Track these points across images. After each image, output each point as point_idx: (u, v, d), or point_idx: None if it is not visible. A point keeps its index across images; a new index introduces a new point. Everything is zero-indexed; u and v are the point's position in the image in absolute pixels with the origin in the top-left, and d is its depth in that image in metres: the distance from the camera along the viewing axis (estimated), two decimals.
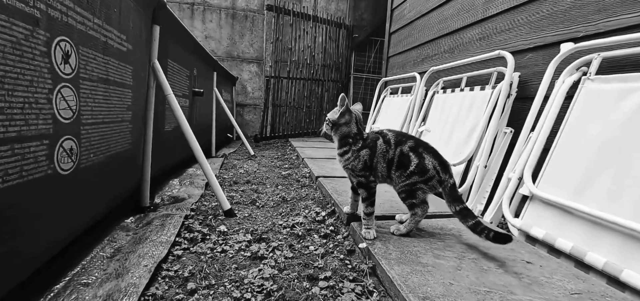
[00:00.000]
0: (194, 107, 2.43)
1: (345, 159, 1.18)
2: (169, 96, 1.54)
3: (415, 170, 1.12)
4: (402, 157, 1.14)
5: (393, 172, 1.15)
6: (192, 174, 2.34)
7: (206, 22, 4.87)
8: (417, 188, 1.13)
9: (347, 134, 1.19)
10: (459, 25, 2.31)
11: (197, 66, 2.48)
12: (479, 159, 1.66)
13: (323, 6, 5.16)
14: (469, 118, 1.89)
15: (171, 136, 2.00)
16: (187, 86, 2.23)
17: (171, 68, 1.85)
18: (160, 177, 2.02)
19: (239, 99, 5.14)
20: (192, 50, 2.28)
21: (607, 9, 1.31)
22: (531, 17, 1.69)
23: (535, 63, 1.64)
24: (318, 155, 3.11)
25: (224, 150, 3.62)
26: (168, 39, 1.74)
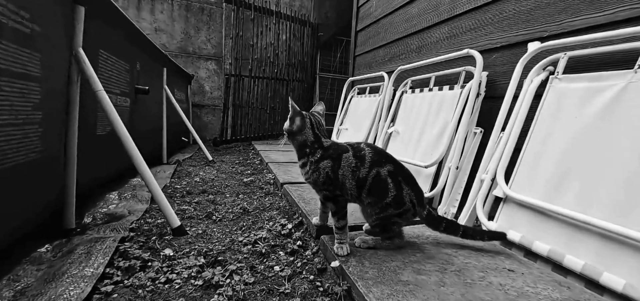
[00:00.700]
0: (137, 107, 2.13)
1: (304, 172, 1.07)
2: (100, 93, 1.28)
3: (391, 202, 1.01)
4: (379, 182, 1.01)
5: (364, 196, 1.03)
6: (136, 185, 2.04)
7: (156, 12, 4.45)
8: (392, 222, 1.04)
9: (303, 143, 1.06)
10: (425, 24, 2.31)
11: (142, 60, 2.19)
12: (451, 161, 1.64)
13: (286, 2, 5.01)
14: (438, 118, 1.88)
15: (108, 141, 1.71)
16: (128, 82, 1.94)
17: (105, 60, 1.57)
18: (93, 191, 1.72)
19: (195, 99, 4.77)
20: (135, 40, 1.99)
21: (570, 8, 1.35)
22: (496, 17, 1.72)
23: (502, 62, 1.67)
24: (283, 159, 2.95)
25: (178, 155, 3.29)
26: (100, 24, 1.47)
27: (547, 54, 1.37)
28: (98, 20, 1.44)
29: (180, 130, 3.79)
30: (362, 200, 1.04)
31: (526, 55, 1.42)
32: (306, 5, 5.18)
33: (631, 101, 1.02)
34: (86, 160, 1.45)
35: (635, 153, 0.96)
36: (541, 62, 1.37)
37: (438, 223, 1.10)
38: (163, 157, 2.85)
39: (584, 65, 1.26)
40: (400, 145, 2.14)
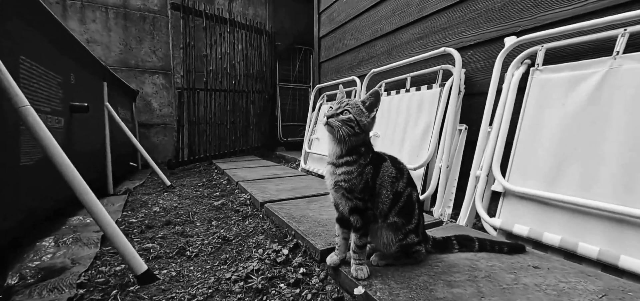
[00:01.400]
0: (74, 129, 1.76)
1: (345, 173, 0.89)
2: (25, 110, 0.98)
3: (414, 228, 0.94)
4: (410, 203, 0.94)
5: (393, 213, 0.92)
6: (78, 225, 1.67)
7: (87, 22, 3.89)
8: (414, 251, 0.96)
9: (362, 142, 0.92)
10: (394, 26, 2.34)
11: (77, 72, 1.83)
12: (440, 160, 1.63)
13: (239, 11, 4.80)
14: (420, 118, 1.88)
15: (36, 173, 1.35)
16: (60, 98, 1.58)
17: (29, 70, 1.24)
18: (19, 239, 1.34)
19: (142, 118, 4.25)
20: (67, 48, 1.65)
21: (542, 3, 1.44)
22: (467, 15, 1.79)
23: (478, 59, 1.73)
24: (254, 176, 2.72)
25: (127, 183, 2.84)
26: (21, 25, 1.15)
27: (524, 48, 1.43)
28: (18, 20, 1.13)
29: (127, 154, 3.31)
30: (387, 219, 0.93)
31: (504, 49, 1.47)
32: (260, 13, 5.03)
33: (616, 84, 1.08)
34: (5, 200, 1.10)
35: (629, 133, 1.01)
36: (519, 55, 1.42)
37: (448, 245, 1.07)
38: (108, 186, 2.42)
39: (561, 56, 1.33)
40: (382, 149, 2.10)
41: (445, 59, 1.89)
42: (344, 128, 0.87)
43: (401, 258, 0.98)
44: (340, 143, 0.91)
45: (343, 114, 0.89)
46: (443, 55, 1.87)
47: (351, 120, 0.88)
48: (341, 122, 0.88)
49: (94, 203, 1.07)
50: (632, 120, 1.01)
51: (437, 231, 1.28)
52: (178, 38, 4.24)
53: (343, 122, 0.88)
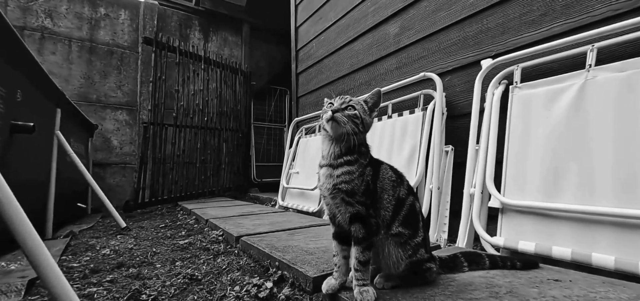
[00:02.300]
0: (11, 152, 1.51)
1: (345, 173, 0.80)
2: None
3: (422, 241, 0.85)
4: (413, 213, 0.85)
5: (397, 224, 0.82)
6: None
7: (45, 53, 3.67)
8: (425, 268, 0.86)
9: (361, 142, 0.84)
10: (373, 57, 2.44)
11: (26, 90, 1.63)
12: (430, 182, 1.59)
13: (214, 51, 4.84)
14: (405, 142, 1.87)
15: None
16: (1, 114, 1.37)
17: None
18: None
19: (98, 157, 3.89)
20: (16, 60, 1.48)
21: (511, 30, 1.56)
22: (443, 44, 1.90)
23: (457, 83, 1.80)
24: (228, 214, 2.49)
25: (71, 227, 2.46)
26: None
27: (500, 69, 1.51)
28: None
29: (74, 193, 2.93)
30: (391, 229, 0.82)
31: (482, 71, 1.55)
32: (236, 54, 5.11)
33: (593, 93, 1.14)
34: None
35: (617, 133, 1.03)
36: (497, 75, 1.50)
37: (456, 264, 0.98)
38: (46, 228, 2.06)
39: (536, 74, 1.42)
40: None
41: (425, 84, 1.95)
42: (350, 124, 0.80)
43: (410, 277, 0.85)
44: (339, 142, 0.82)
45: (348, 110, 0.82)
46: (423, 81, 1.94)
47: (357, 117, 0.82)
48: (348, 118, 0.81)
49: (32, 238, 0.85)
50: (616, 121, 1.04)
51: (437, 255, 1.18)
52: (147, 73, 4.12)
53: (350, 118, 0.81)
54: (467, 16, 1.77)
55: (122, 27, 4.16)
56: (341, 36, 2.80)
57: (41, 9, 3.69)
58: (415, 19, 2.11)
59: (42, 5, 3.70)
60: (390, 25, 2.32)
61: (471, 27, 1.76)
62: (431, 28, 1.99)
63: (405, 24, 2.19)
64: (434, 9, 1.99)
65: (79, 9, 3.90)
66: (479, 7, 1.71)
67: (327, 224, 1.94)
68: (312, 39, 3.22)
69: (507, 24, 1.59)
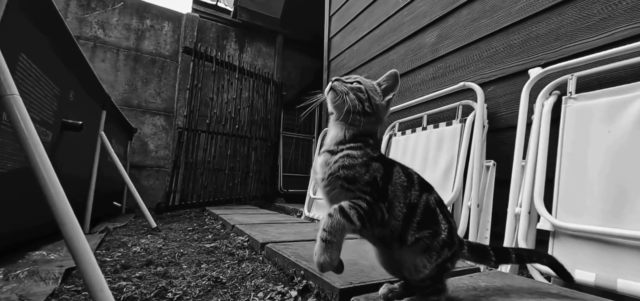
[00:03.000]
0: (60, 148, 1.66)
1: (346, 156, 0.73)
2: (12, 98, 0.90)
3: (447, 239, 0.75)
4: (429, 212, 0.76)
5: (412, 232, 0.74)
6: (39, 260, 1.47)
7: (96, 61, 4.05)
8: (445, 268, 0.77)
9: (370, 131, 0.79)
10: (407, 68, 2.39)
11: (77, 91, 1.79)
12: (469, 199, 1.49)
13: (248, 61, 5.05)
14: (441, 156, 1.79)
15: (3, 184, 1.21)
16: (54, 112, 1.51)
17: (27, 70, 1.19)
18: None
19: (135, 159, 4.16)
20: (71, 62, 1.64)
21: (565, 36, 1.46)
22: (485, 53, 1.82)
23: (500, 94, 1.71)
24: (254, 221, 2.53)
25: (106, 223, 2.63)
26: (25, 21, 1.13)
27: (551, 78, 1.40)
28: (25, 15, 1.11)
29: (111, 192, 3.14)
30: (405, 240, 0.75)
31: (530, 81, 1.45)
32: (269, 65, 5.29)
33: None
34: None
35: None
36: (548, 85, 1.39)
37: (485, 254, 0.86)
38: (85, 223, 2.22)
39: (595, 84, 1.30)
40: None
41: (464, 95, 1.87)
42: (351, 95, 0.74)
43: (430, 287, 0.77)
44: (344, 124, 0.77)
45: (353, 84, 0.77)
46: (461, 91, 1.86)
47: (362, 91, 0.76)
48: (349, 88, 0.75)
49: (75, 231, 0.92)
50: None
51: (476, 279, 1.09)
52: (185, 81, 4.38)
53: (352, 89, 0.75)
54: (513, 23, 1.69)
55: (165, 38, 4.50)
56: (375, 46, 2.79)
57: (95, 21, 4.11)
58: (455, 27, 2.05)
59: (96, 17, 4.12)
60: (427, 34, 2.28)
61: (517, 34, 1.67)
62: (472, 36, 1.92)
63: (443, 32, 2.14)
64: (475, 17, 1.92)
65: (127, 21, 4.29)
66: (527, 13, 1.62)
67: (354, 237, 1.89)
68: (344, 49, 3.25)
69: (560, 30, 1.48)
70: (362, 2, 3.02)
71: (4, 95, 0.89)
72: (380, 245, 0.83)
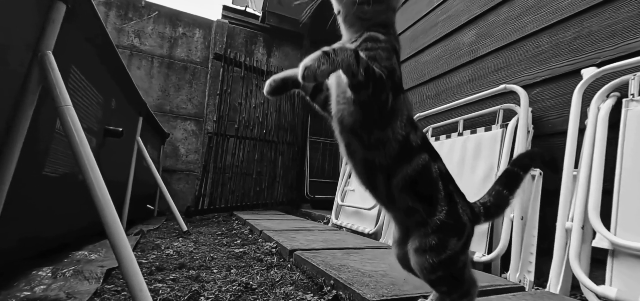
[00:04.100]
0: (102, 153, 1.81)
1: (368, 40, 0.71)
2: (66, 109, 1.00)
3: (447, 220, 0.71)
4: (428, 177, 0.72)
5: (400, 183, 0.70)
6: (82, 260, 1.60)
7: (132, 69, 4.36)
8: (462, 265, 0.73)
9: (384, 23, 0.75)
10: (442, 70, 2.34)
11: (118, 99, 1.94)
12: (511, 210, 1.42)
13: (276, 65, 5.17)
14: (479, 163, 1.72)
15: (56, 187, 1.34)
16: (98, 119, 1.65)
17: (77, 82, 1.32)
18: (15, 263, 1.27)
19: (167, 163, 4.41)
20: (115, 72, 1.78)
21: (623, 32, 1.35)
22: (530, 52, 1.73)
23: (547, 96, 1.62)
24: (281, 227, 2.58)
25: (141, 226, 2.81)
26: (78, 35, 1.25)
27: (607, 79, 1.31)
28: (77, 30, 1.23)
29: (145, 196, 3.35)
30: (393, 201, 0.71)
31: (583, 82, 1.36)
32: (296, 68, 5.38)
33: None
34: (18, 211, 1.07)
35: None
36: (605, 87, 1.30)
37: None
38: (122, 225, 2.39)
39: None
40: None
41: (505, 98, 1.79)
42: None
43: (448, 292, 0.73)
44: (354, 20, 0.74)
45: None
46: (502, 94, 1.78)
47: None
48: None
49: (118, 233, 1.00)
50: None
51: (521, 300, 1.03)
52: (214, 87, 4.58)
53: None
54: (561, 19, 1.60)
55: (196, 45, 4.75)
56: (406, 48, 2.75)
57: (132, 30, 4.43)
58: (495, 25, 1.97)
59: (132, 26, 4.44)
60: (463, 34, 2.21)
61: (566, 31, 1.57)
62: (514, 35, 1.84)
63: (481, 31, 2.07)
64: (518, 14, 1.84)
65: (161, 29, 4.58)
66: (578, 8, 1.53)
67: (384, 247, 1.87)
68: None
69: (618, 25, 1.38)
70: None
71: (59, 106, 0.99)
72: (366, 180, 0.76)
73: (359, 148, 0.72)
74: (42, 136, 1.15)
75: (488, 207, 0.85)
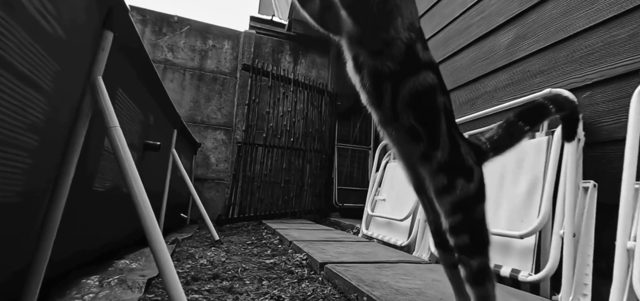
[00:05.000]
0: (142, 166, 1.93)
1: None
2: (114, 130, 1.09)
3: (450, 160, 0.76)
4: (427, 97, 0.76)
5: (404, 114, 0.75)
6: (124, 268, 1.71)
7: (166, 82, 4.63)
8: (481, 217, 0.75)
9: None
10: (477, 74, 2.26)
11: (155, 114, 2.08)
12: (561, 226, 1.34)
13: (303, 73, 5.26)
14: (521, 175, 1.64)
15: (102, 201, 1.46)
16: (139, 135, 1.78)
17: (121, 102, 1.43)
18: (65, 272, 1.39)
19: (198, 172, 4.61)
20: (153, 89, 1.91)
21: None
22: (577, 53, 1.64)
23: (598, 101, 1.52)
24: (311, 237, 2.60)
25: (175, 234, 2.96)
26: (123, 59, 1.37)
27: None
28: (122, 54, 1.35)
29: (178, 205, 3.53)
30: (397, 116, 0.74)
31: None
32: (323, 75, 5.44)
33: None
34: (71, 224, 1.17)
35: None
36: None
37: None
38: None
39: None
40: None
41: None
42: None
43: (469, 252, 0.74)
44: None
45: None
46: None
47: None
48: None
49: (160, 244, 1.07)
50: None
51: None
52: (243, 96, 4.74)
53: None
54: (617, 15, 1.49)
55: (225, 56, 4.95)
56: (437, 52, 2.70)
57: (165, 45, 4.72)
58: (537, 25, 1.88)
59: (166, 41, 4.73)
60: (500, 35, 2.13)
61: (622, 28, 1.47)
62: (559, 34, 1.74)
63: (521, 32, 1.98)
64: (563, 11, 1.75)
65: (193, 43, 4.83)
66: (636, 1, 1.42)
67: (418, 261, 1.83)
68: None
69: None
70: (422, 5, 2.95)
71: (108, 128, 1.08)
72: (373, 94, 0.77)
73: (367, 57, 0.76)
74: (92, 155, 1.26)
75: (496, 139, 0.84)
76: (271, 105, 4.35)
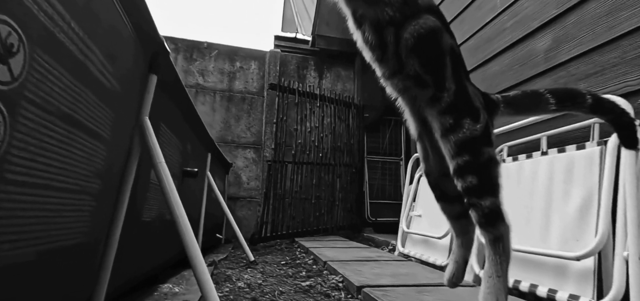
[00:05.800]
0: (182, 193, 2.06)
1: None
2: (160, 166, 1.19)
3: (455, 101, 0.81)
4: (430, 43, 0.79)
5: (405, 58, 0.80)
6: (168, 293, 1.82)
7: (197, 105, 4.89)
8: (489, 160, 0.79)
9: None
10: (513, 81, 2.19)
11: (192, 141, 2.21)
12: (626, 248, 1.25)
13: (328, 87, 5.33)
14: (572, 188, 1.56)
15: (149, 230, 1.57)
16: (179, 163, 1.90)
17: (163, 135, 1.55)
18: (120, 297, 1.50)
19: (230, 191, 4.78)
20: (189, 119, 2.04)
21: None
22: (628, 54, 1.55)
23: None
24: (345, 257, 2.61)
25: (212, 256, 3.08)
26: (165, 96, 1.49)
27: None
28: (163, 91, 1.46)
29: (214, 226, 3.67)
30: (402, 66, 0.79)
31: None
32: (348, 88, 5.48)
33: None
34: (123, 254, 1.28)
35: None
36: None
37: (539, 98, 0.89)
38: None
39: None
40: (515, 228, 1.77)
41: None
42: None
43: (476, 195, 0.75)
44: None
45: None
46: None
47: None
48: None
49: (203, 269, 1.14)
50: None
51: None
52: (271, 115, 4.89)
53: None
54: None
55: (252, 76, 5.15)
56: (469, 60, 2.64)
57: (196, 70, 5.00)
58: (579, 26, 1.80)
59: (196, 66, 5.01)
60: (537, 39, 2.06)
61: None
62: (605, 35, 1.65)
63: (560, 34, 1.90)
64: (608, 10, 1.66)
65: (221, 66, 5.08)
66: None
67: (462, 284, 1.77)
68: None
69: None
70: (450, 12, 2.92)
71: (155, 164, 1.18)
72: (377, 46, 0.80)
73: (365, 8, 0.80)
74: (140, 189, 1.37)
75: (512, 97, 0.88)
76: (298, 122, 4.44)
